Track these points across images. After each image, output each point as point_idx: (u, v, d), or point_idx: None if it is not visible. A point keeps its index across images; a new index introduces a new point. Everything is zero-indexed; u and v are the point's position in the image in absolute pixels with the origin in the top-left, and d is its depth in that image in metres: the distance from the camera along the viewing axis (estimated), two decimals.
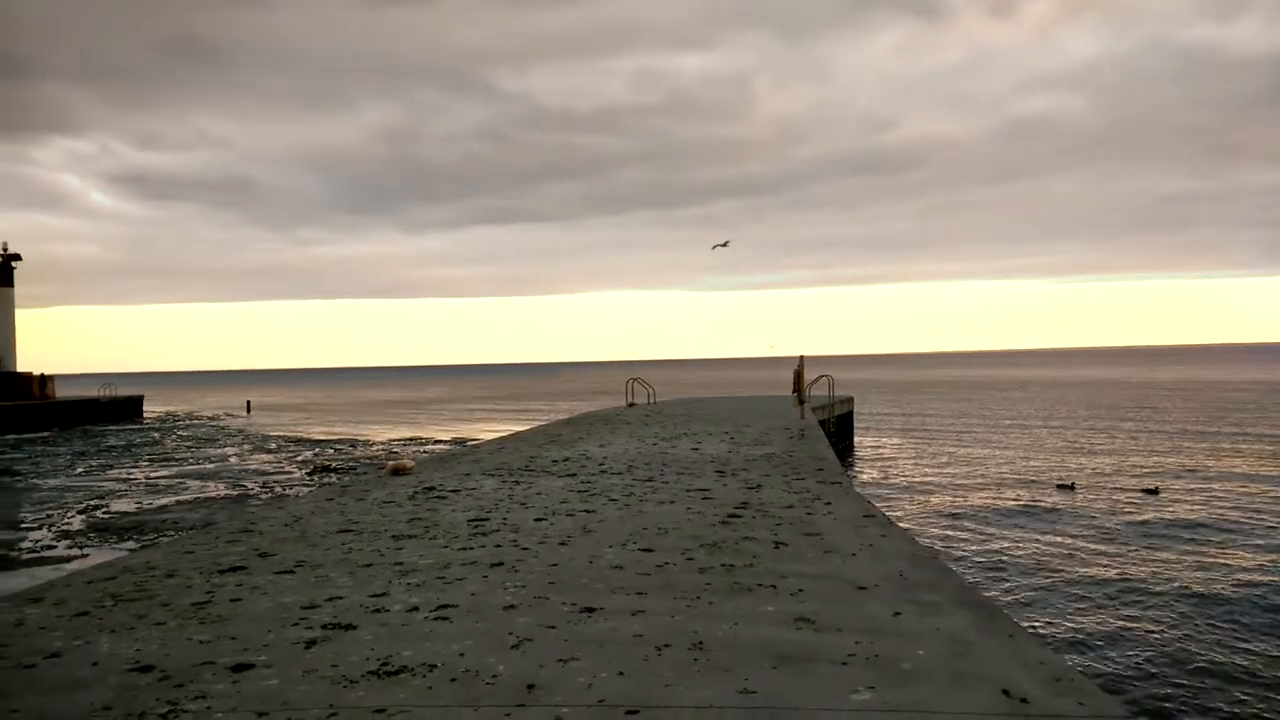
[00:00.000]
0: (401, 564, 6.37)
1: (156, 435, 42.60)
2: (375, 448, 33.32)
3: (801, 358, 28.49)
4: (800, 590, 5.35)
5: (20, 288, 53.38)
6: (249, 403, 70.76)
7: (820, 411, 24.29)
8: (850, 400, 31.91)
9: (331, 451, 32.31)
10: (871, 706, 3.54)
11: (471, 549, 6.83)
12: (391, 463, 12.63)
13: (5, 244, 52.84)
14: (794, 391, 29.08)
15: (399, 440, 36.61)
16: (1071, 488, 19.10)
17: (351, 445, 35.04)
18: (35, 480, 24.97)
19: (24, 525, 17.27)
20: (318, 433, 42.84)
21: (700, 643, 4.36)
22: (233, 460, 29.99)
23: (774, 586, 5.44)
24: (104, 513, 18.39)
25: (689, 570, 5.94)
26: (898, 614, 4.79)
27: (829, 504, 8.62)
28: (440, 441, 34.96)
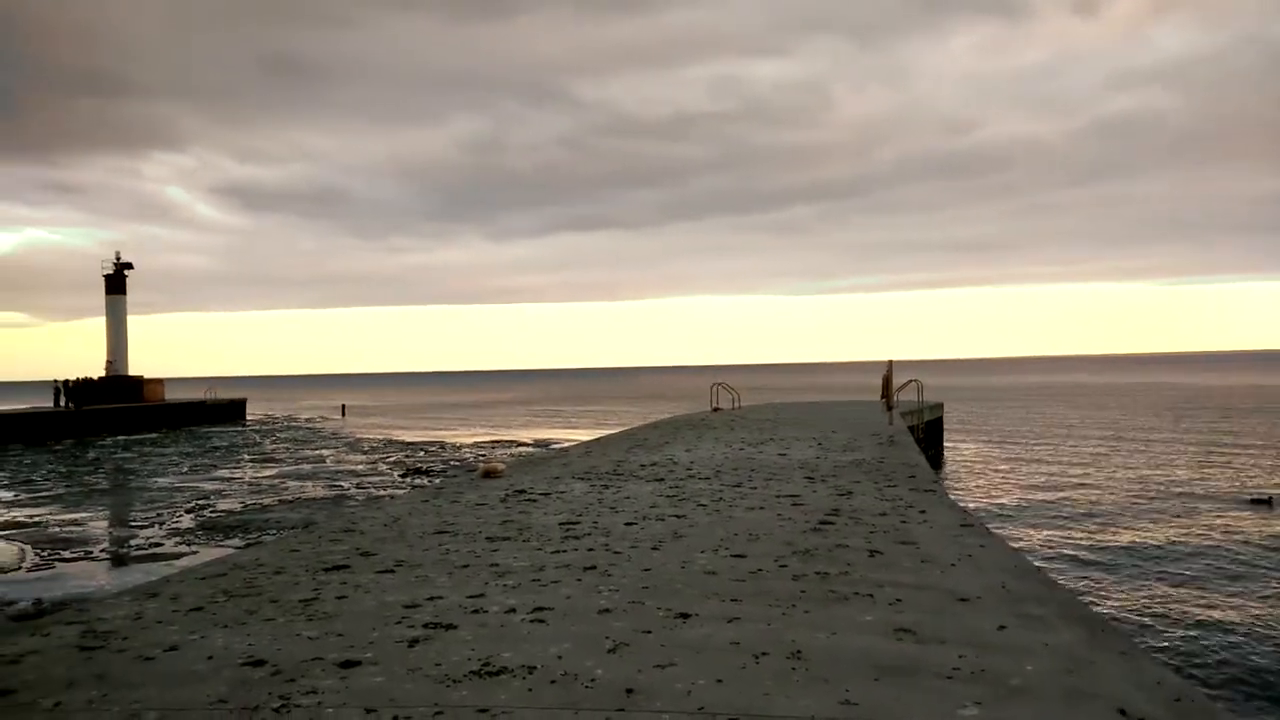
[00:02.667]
0: (497, 565, 6.47)
1: (257, 437, 44.24)
2: (464, 450, 33.97)
3: (890, 363, 27.98)
4: (898, 600, 5.24)
5: (132, 295, 56.26)
6: (344, 406, 72.95)
7: (909, 417, 23.81)
8: (940, 406, 31.20)
9: (423, 454, 33.05)
10: None
11: (564, 552, 6.90)
12: (483, 465, 12.85)
13: (118, 253, 55.79)
14: (882, 397, 28.58)
15: (485, 443, 37.24)
16: (1269, 503, 16.71)
17: (441, 447, 35.79)
18: (146, 479, 26.20)
19: (136, 523, 18.13)
20: (408, 435, 43.89)
21: (798, 651, 4.31)
22: (329, 462, 30.94)
23: (871, 596, 5.35)
24: (211, 511, 19.18)
25: (782, 577, 5.88)
26: (1002, 628, 4.65)
27: (923, 512, 8.44)
28: (525, 444, 35.44)
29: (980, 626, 4.68)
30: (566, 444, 25.38)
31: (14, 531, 17.08)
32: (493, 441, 38.11)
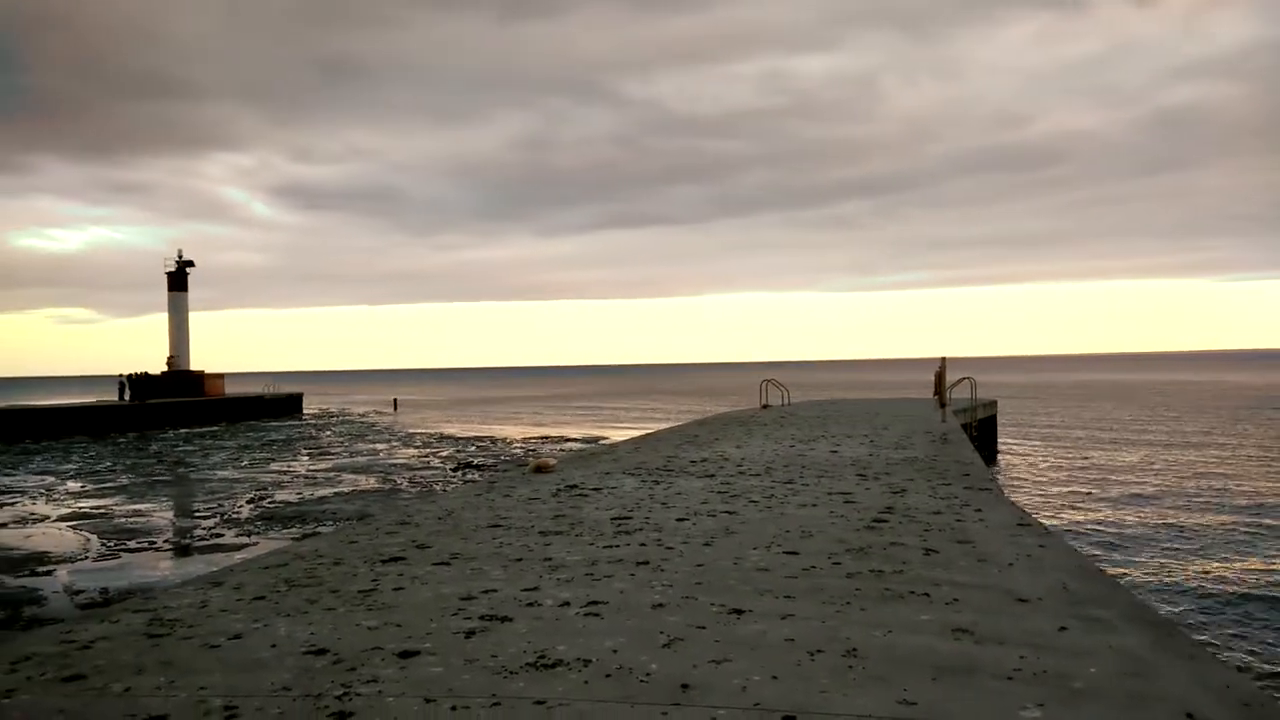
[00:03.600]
0: (550, 559, 6.52)
1: (313, 430, 45.08)
2: (514, 445, 34.25)
3: (943, 360, 27.59)
4: (955, 600, 5.17)
5: (193, 292, 57.81)
6: (396, 401, 73.99)
7: (962, 415, 23.46)
8: (993, 404, 30.69)
9: (473, 448, 33.40)
10: None
11: (617, 547, 6.93)
12: (534, 460, 12.95)
13: (180, 251, 57.35)
14: (934, 394, 28.21)
15: (535, 438, 37.51)
16: None
17: (491, 442, 36.13)
18: (206, 471, 26.85)
19: (197, 513, 18.60)
20: (459, 430, 44.38)
21: (854, 649, 4.28)
22: (382, 455, 31.41)
23: (927, 595, 5.29)
24: (269, 502, 19.60)
25: (836, 575, 5.84)
26: (1064, 629, 4.57)
27: (979, 510, 8.31)
28: (575, 440, 35.62)
29: (1040, 627, 4.60)
30: (615, 440, 25.46)
31: (80, 522, 17.63)
32: (542, 437, 38.37)
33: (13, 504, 20.40)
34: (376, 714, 3.61)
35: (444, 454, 31.33)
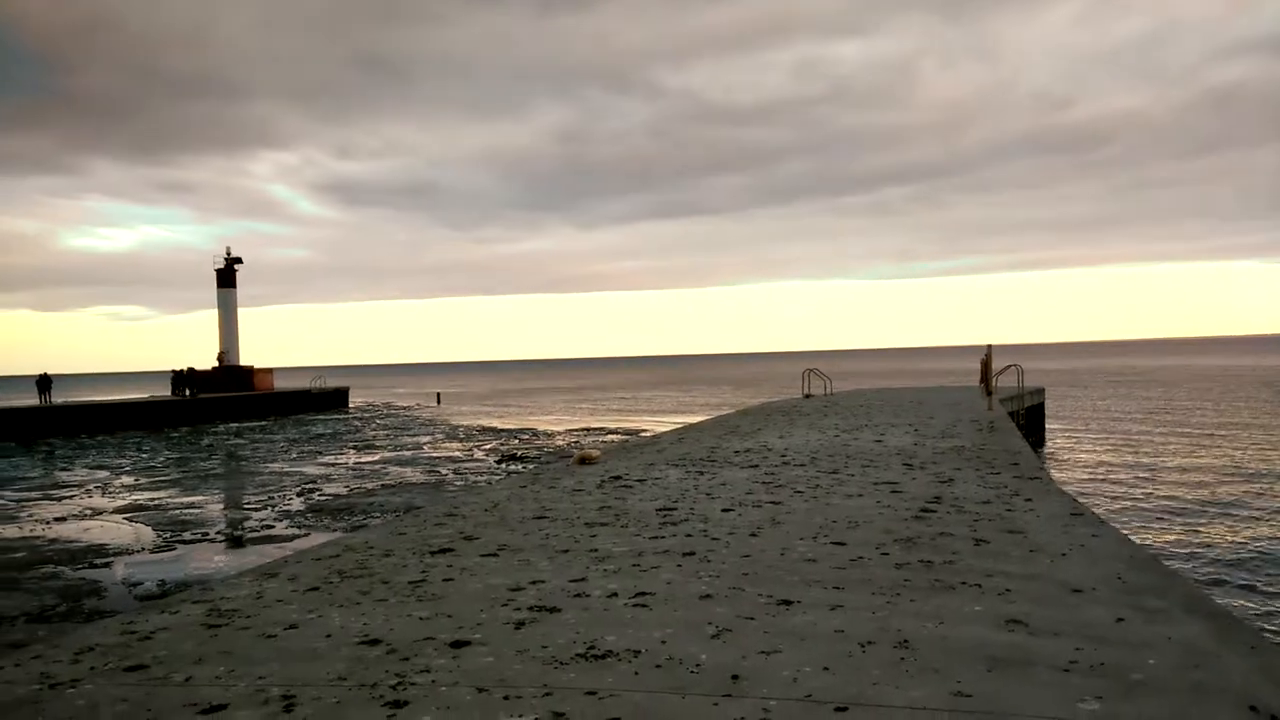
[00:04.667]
0: (597, 550, 6.54)
1: (359, 424, 45.68)
2: (557, 437, 34.42)
3: (989, 347, 27.20)
4: (1008, 590, 5.11)
5: (241, 289, 58.83)
6: (439, 394, 74.72)
7: (1009, 403, 23.13)
8: (1041, 391, 30.20)
9: (517, 441, 33.63)
10: (1103, 718, 3.33)
11: (662, 538, 6.94)
12: (578, 452, 13.01)
13: (229, 249, 58.30)
14: (980, 382, 27.83)
15: (577, 429, 37.65)
16: None
17: (534, 434, 36.35)
18: (257, 465, 27.35)
19: (249, 506, 18.96)
20: (501, 422, 44.70)
21: (906, 641, 4.24)
22: (427, 448, 31.75)
23: (979, 585, 5.23)
24: (319, 495, 19.92)
25: (885, 565, 5.80)
26: (1120, 620, 4.49)
27: (1029, 500, 8.19)
28: (617, 431, 35.70)
29: (1096, 618, 4.53)
30: (658, 431, 25.47)
31: (136, 514, 18.06)
32: (584, 428, 38.51)
33: (71, 498, 20.96)
34: (431, 704, 3.65)
35: (488, 446, 31.58)
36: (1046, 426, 29.54)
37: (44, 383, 45.80)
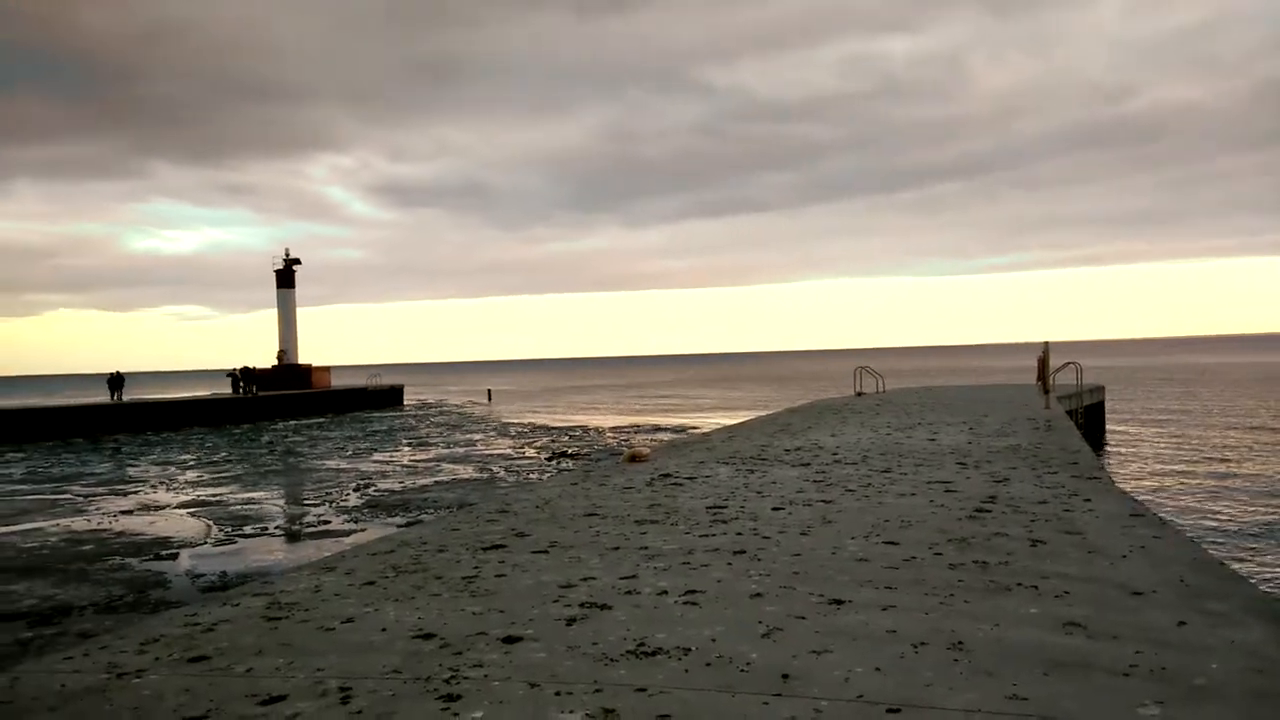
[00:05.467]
0: (647, 548, 6.57)
1: (413, 421, 46.33)
2: (607, 435, 34.54)
3: (1046, 344, 26.66)
4: (1065, 592, 5.01)
5: (300, 289, 59.89)
6: (489, 391, 75.44)
7: (1067, 401, 22.67)
8: (1100, 389, 29.54)
9: (567, 438, 33.82)
10: None
11: (712, 536, 6.93)
12: (628, 450, 13.05)
13: (287, 250, 59.49)
14: (1038, 380, 27.29)
15: (627, 427, 37.74)
16: None
17: (584, 432, 36.52)
18: (314, 461, 27.89)
19: (307, 501, 19.35)
20: (552, 420, 44.98)
21: (960, 642, 4.19)
22: (479, 445, 32.08)
23: (1035, 587, 5.14)
24: (374, 491, 20.25)
25: (939, 566, 5.73)
26: (1182, 623, 4.38)
27: (1088, 500, 8.03)
28: (667, 429, 35.72)
29: (1157, 622, 4.43)
30: (708, 429, 25.43)
31: (198, 509, 18.54)
32: (634, 426, 38.58)
33: (136, 492, 21.59)
34: (483, 698, 3.71)
35: (539, 443, 31.81)
36: (1107, 426, 28.88)
37: (115, 381, 47.20)
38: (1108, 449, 24.47)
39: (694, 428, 33.68)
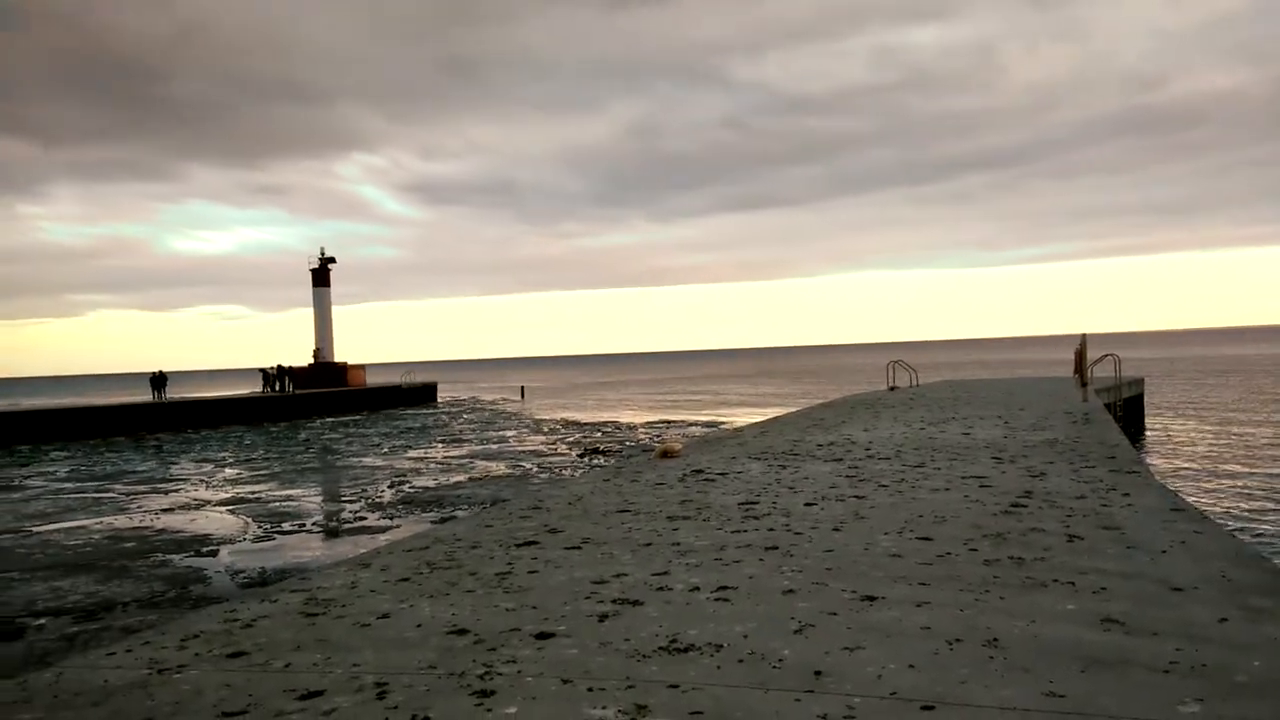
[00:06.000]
0: (679, 544, 6.57)
1: (446, 418, 46.66)
2: (638, 431, 34.57)
3: (1083, 336, 26.29)
4: (1103, 589, 4.95)
5: (335, 287, 60.55)
6: (522, 388, 75.80)
7: (1105, 394, 22.33)
8: (1140, 382, 29.08)
9: (599, 434, 33.90)
10: None
11: (744, 531, 6.92)
12: (660, 445, 13.06)
13: (322, 249, 60.14)
14: (1075, 373, 26.93)
15: (658, 423, 37.75)
16: None
17: (616, 428, 36.58)
18: (350, 458, 28.20)
19: (344, 498, 19.57)
20: (584, 416, 45.10)
21: (995, 639, 4.15)
22: (512, 442, 32.26)
23: (1072, 583, 5.08)
24: (408, 488, 20.44)
25: (973, 562, 5.68)
26: (1224, 619, 4.31)
27: (1127, 495, 7.91)
28: (698, 424, 35.68)
29: (1198, 618, 4.36)
30: (739, 424, 25.37)
31: (238, 506, 18.83)
32: (665, 422, 38.58)
33: (177, 490, 21.95)
34: (516, 693, 3.73)
35: (571, 440, 31.91)
36: (1146, 419, 28.43)
37: (158, 380, 48.04)
38: (1147, 442, 24.09)
39: (725, 423, 33.61)
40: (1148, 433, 26.17)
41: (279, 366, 55.27)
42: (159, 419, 43.42)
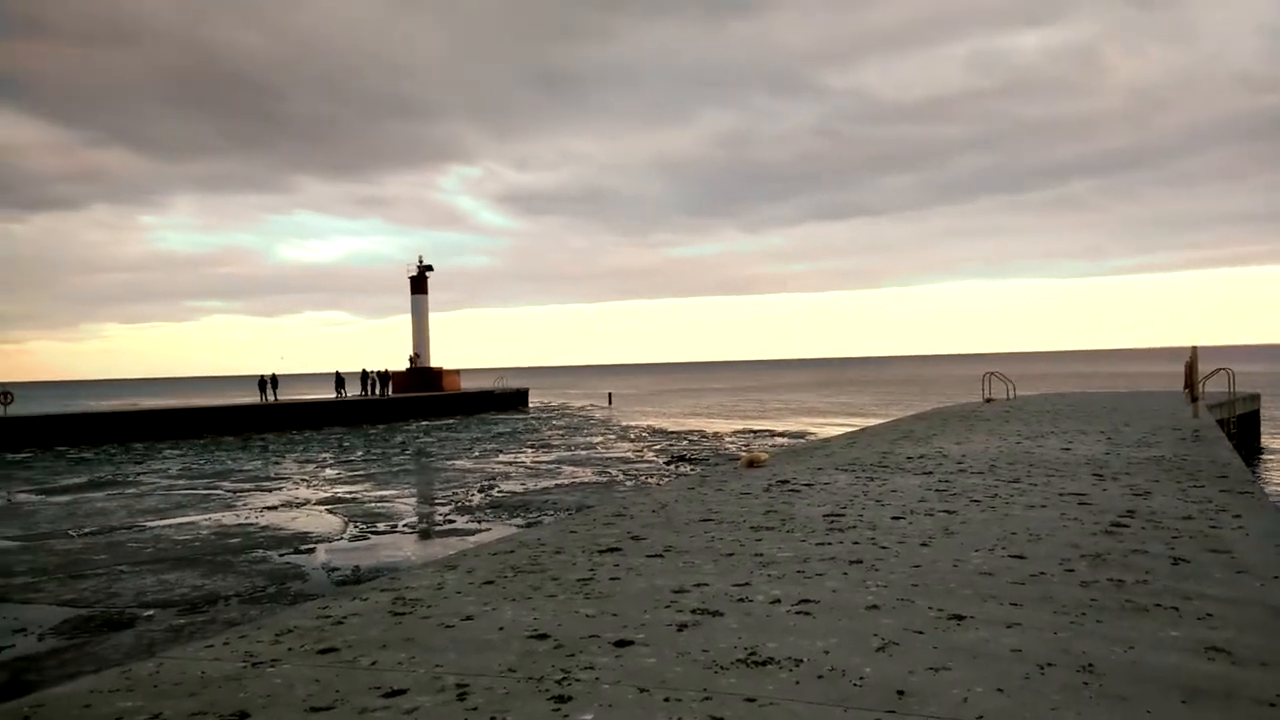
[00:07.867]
0: (761, 555, 6.51)
1: (536, 424, 47.32)
2: (725, 439, 34.41)
3: (1194, 348, 25.07)
4: (1208, 615, 4.70)
5: (432, 295, 62.14)
6: (610, 395, 76.30)
7: (1217, 410, 21.25)
8: (1255, 398, 27.56)
9: (685, 442, 33.87)
10: None
11: (829, 544, 6.81)
12: (746, 455, 12.97)
13: (420, 257, 61.82)
14: (1185, 387, 25.71)
15: (745, 432, 37.49)
16: None
17: (702, 436, 36.49)
18: (443, 461, 28.85)
19: (435, 500, 20.04)
20: (670, 424, 45.12)
21: (1090, 665, 3.99)
22: (599, 448, 32.50)
23: (1175, 608, 4.84)
24: (497, 492, 20.80)
25: (1069, 583, 5.46)
26: None
27: (1238, 516, 7.50)
28: (785, 434, 35.31)
29: None
30: (828, 435, 25.01)
31: (335, 506, 19.45)
32: (751, 431, 38.30)
33: (280, 489, 22.81)
34: (594, 700, 3.75)
35: (657, 447, 31.96)
36: (1262, 436, 26.93)
37: (270, 382, 50.16)
38: (1263, 462, 22.81)
39: (813, 433, 33.18)
40: (1263, 451, 24.78)
41: (381, 371, 56.94)
42: (264, 420, 45.22)
